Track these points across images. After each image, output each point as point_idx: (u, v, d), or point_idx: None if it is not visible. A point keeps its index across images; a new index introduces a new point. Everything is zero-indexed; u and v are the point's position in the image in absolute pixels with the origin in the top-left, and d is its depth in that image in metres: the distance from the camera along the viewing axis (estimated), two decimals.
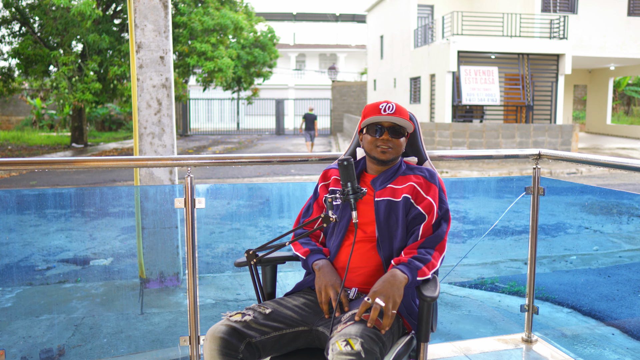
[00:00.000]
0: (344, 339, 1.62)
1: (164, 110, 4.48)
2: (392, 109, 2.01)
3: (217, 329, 1.75)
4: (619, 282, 4.68)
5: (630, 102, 34.12)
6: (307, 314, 1.90)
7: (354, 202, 1.85)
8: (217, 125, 31.66)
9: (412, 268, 1.83)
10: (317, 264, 1.95)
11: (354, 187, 1.85)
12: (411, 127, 2.04)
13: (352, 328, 1.67)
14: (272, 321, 1.83)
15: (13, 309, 3.78)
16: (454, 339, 3.15)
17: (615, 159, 2.59)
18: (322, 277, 1.90)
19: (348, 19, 42.56)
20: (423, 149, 2.25)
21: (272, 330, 1.81)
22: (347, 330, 1.66)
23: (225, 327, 1.76)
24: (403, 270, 1.82)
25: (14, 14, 17.80)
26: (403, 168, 2.08)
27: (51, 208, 3.49)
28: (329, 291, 1.86)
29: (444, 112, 17.75)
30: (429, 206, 1.98)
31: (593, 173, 13.64)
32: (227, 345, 1.72)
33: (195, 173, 2.58)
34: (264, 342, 1.79)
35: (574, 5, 18.89)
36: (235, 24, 18.42)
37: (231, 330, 1.75)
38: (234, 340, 1.74)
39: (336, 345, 1.61)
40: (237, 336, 1.75)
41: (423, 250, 1.91)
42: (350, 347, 1.59)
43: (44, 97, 26.97)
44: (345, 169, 1.85)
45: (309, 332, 1.87)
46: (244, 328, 1.77)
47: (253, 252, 1.91)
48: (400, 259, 1.87)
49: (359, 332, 1.65)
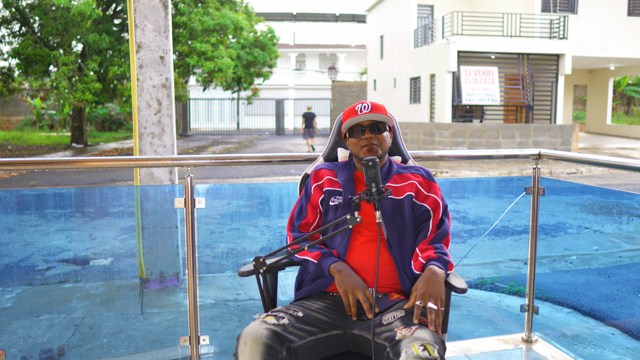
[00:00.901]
0: (421, 343, 1.62)
1: (164, 110, 4.48)
2: (368, 107, 2.02)
3: (259, 333, 1.68)
4: (619, 282, 4.68)
5: (630, 102, 34.12)
6: (336, 317, 1.87)
7: (378, 203, 1.82)
8: (217, 125, 31.66)
9: (444, 262, 1.89)
10: (336, 267, 1.90)
11: (378, 187, 1.82)
12: (391, 121, 2.05)
13: (424, 333, 1.67)
14: (306, 325, 1.79)
15: (13, 309, 3.78)
16: (454, 339, 3.15)
17: (615, 159, 2.59)
18: (346, 280, 1.86)
19: (348, 19, 42.56)
20: (404, 147, 2.28)
21: (308, 335, 1.77)
22: (421, 335, 1.66)
23: (267, 331, 1.69)
24: (439, 266, 1.86)
25: (14, 14, 17.80)
26: (394, 167, 2.09)
27: (51, 208, 3.50)
28: (356, 293, 1.83)
29: (444, 112, 17.75)
30: (434, 202, 2.02)
31: (593, 173, 13.64)
32: (269, 350, 1.66)
33: (195, 173, 2.58)
34: (303, 346, 1.74)
35: (574, 5, 18.89)
36: (235, 24, 18.41)
37: (273, 335, 1.69)
38: (277, 345, 1.68)
39: (412, 348, 1.61)
40: (279, 341, 1.69)
41: (437, 245, 1.95)
42: (428, 352, 1.60)
43: (44, 97, 26.97)
44: (371, 169, 1.82)
45: (342, 335, 1.85)
46: (284, 332, 1.72)
47: (263, 260, 1.82)
48: (429, 254, 1.90)
49: (433, 338, 1.66)
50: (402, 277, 1.94)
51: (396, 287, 1.96)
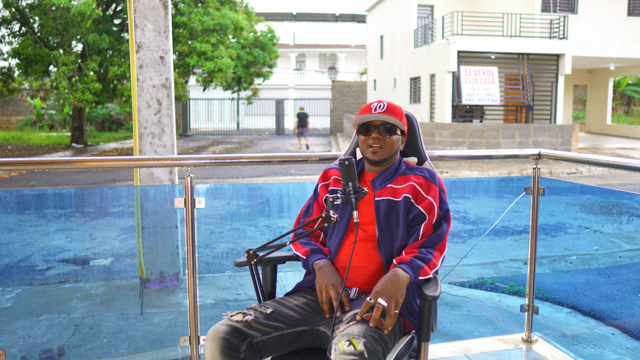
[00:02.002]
0: (347, 338, 1.62)
1: (164, 110, 4.48)
2: (384, 107, 2.01)
3: (219, 328, 1.75)
4: (619, 282, 4.68)
5: (630, 102, 34.12)
6: (308, 314, 1.90)
7: (355, 202, 1.84)
8: (217, 125, 31.66)
9: (414, 267, 1.83)
10: (318, 264, 1.95)
11: (355, 186, 1.84)
12: (404, 125, 2.04)
13: (354, 328, 1.67)
14: (273, 321, 1.83)
15: (13, 309, 3.78)
16: (454, 339, 3.15)
17: (615, 159, 2.59)
18: (323, 277, 1.90)
19: (348, 19, 42.55)
20: (423, 149, 2.25)
21: (273, 330, 1.81)
22: (350, 330, 1.66)
23: (227, 327, 1.75)
24: (405, 269, 1.81)
25: (14, 14, 17.80)
26: (403, 168, 2.08)
27: (51, 208, 3.49)
28: (329, 291, 1.86)
29: (444, 112, 17.74)
30: (430, 206, 1.98)
31: (593, 173, 13.64)
32: (228, 345, 1.72)
33: (195, 173, 2.58)
34: (265, 342, 1.79)
35: (574, 5, 18.89)
36: (235, 24, 18.41)
37: (232, 330, 1.75)
38: (235, 340, 1.73)
39: (339, 345, 1.61)
40: (239, 336, 1.75)
41: (424, 250, 1.90)
42: (353, 347, 1.59)
43: (44, 97, 26.97)
44: (347, 169, 1.84)
45: (310, 332, 1.87)
46: (245, 328, 1.77)
47: (253, 252, 1.90)
48: (402, 258, 1.87)
49: (362, 332, 1.65)
50: None
51: None
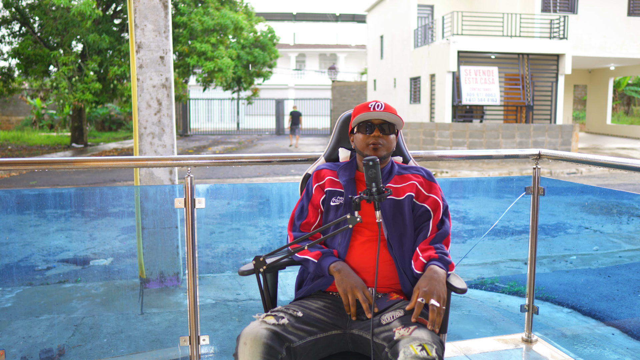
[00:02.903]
0: (419, 343, 1.62)
1: (164, 110, 4.48)
2: (382, 106, 2.02)
3: (259, 333, 1.68)
4: (619, 282, 4.68)
5: (630, 102, 34.12)
6: (335, 317, 1.87)
7: (378, 203, 1.82)
8: (217, 125, 31.66)
9: (445, 262, 1.89)
10: (335, 267, 1.90)
11: (379, 187, 1.82)
12: (401, 124, 2.04)
13: (422, 333, 1.66)
14: (306, 325, 1.79)
15: (13, 309, 3.78)
16: (454, 339, 3.15)
17: (615, 159, 2.59)
18: (346, 280, 1.86)
19: (348, 19, 42.55)
20: (405, 149, 2.30)
21: (308, 335, 1.77)
22: (419, 335, 1.65)
23: (267, 331, 1.69)
24: (440, 265, 1.86)
25: (14, 14, 17.80)
26: (396, 167, 2.09)
27: (51, 208, 3.49)
28: (356, 293, 1.82)
29: (444, 112, 17.74)
30: (435, 203, 2.02)
31: (593, 173, 13.64)
32: (269, 350, 1.66)
33: (195, 173, 2.58)
34: (302, 346, 1.74)
35: (574, 5, 18.89)
36: (235, 24, 18.41)
37: (273, 335, 1.69)
38: (276, 345, 1.68)
39: (410, 348, 1.60)
40: (279, 341, 1.69)
41: (438, 245, 1.95)
42: (426, 352, 1.59)
43: (44, 97, 26.96)
44: (371, 169, 1.82)
45: (342, 335, 1.84)
46: (284, 332, 1.72)
47: (263, 259, 1.82)
48: (430, 254, 1.90)
49: (431, 338, 1.65)
50: (402, 278, 1.94)
51: (396, 287, 1.96)
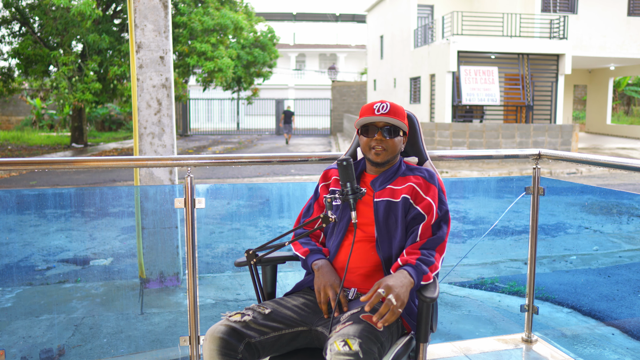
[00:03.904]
0: (342, 339, 1.62)
1: (164, 110, 4.48)
2: (386, 108, 1.99)
3: (217, 329, 1.76)
4: (619, 282, 4.68)
5: (630, 102, 34.12)
6: (307, 314, 1.90)
7: (353, 203, 1.84)
8: (217, 125, 31.66)
9: (419, 272, 1.82)
10: (316, 264, 1.95)
11: (353, 187, 1.84)
12: (406, 127, 2.03)
13: (350, 328, 1.67)
14: (272, 321, 1.83)
15: (13, 309, 3.78)
16: (454, 339, 3.15)
17: (615, 159, 2.59)
18: (321, 277, 1.91)
19: (348, 19, 42.55)
20: (424, 149, 2.25)
21: (271, 331, 1.81)
22: (346, 331, 1.66)
23: (225, 327, 1.76)
24: (411, 273, 1.80)
25: (14, 14, 17.79)
26: (403, 168, 2.07)
27: (51, 208, 3.49)
28: (327, 291, 1.87)
29: (444, 112, 17.74)
30: (428, 206, 1.97)
31: (593, 173, 13.64)
32: (226, 345, 1.73)
33: (195, 173, 2.58)
34: (263, 342, 1.79)
35: (574, 5, 18.89)
36: (235, 24, 18.41)
37: (230, 331, 1.75)
38: (233, 341, 1.74)
39: (334, 345, 1.61)
40: (237, 336, 1.75)
41: (426, 252, 1.89)
42: (348, 347, 1.59)
43: (44, 97, 26.95)
44: (345, 169, 1.84)
45: (308, 332, 1.87)
46: (243, 328, 1.77)
47: (253, 252, 1.91)
48: (407, 259, 1.85)
49: (357, 332, 1.65)
50: None
51: None
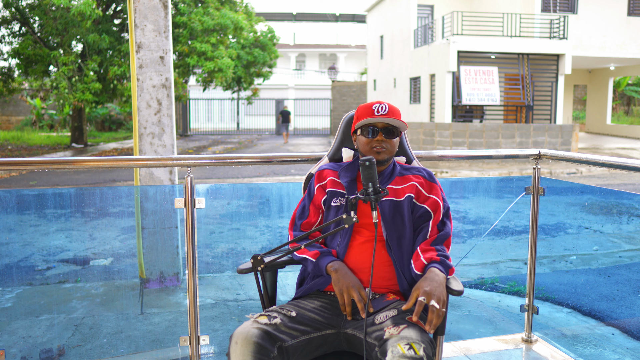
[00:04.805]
0: (407, 342, 1.62)
1: (164, 110, 4.48)
2: (385, 109, 2.00)
3: (250, 332, 1.69)
4: (619, 282, 4.68)
5: (630, 102, 34.12)
6: (331, 316, 1.87)
7: (375, 202, 1.83)
8: (217, 125, 31.66)
9: (446, 267, 1.88)
10: (333, 266, 1.91)
11: (375, 187, 1.82)
12: (405, 127, 2.03)
13: (411, 332, 1.66)
14: (299, 324, 1.79)
15: (13, 309, 3.78)
16: (454, 339, 3.15)
17: (615, 159, 2.59)
18: (342, 279, 1.86)
19: (348, 19, 42.55)
20: (409, 148, 2.29)
21: (301, 334, 1.78)
22: (408, 334, 1.65)
23: (258, 330, 1.70)
24: (441, 269, 1.85)
25: (14, 14, 17.79)
26: (398, 168, 2.09)
27: (51, 208, 3.49)
28: (351, 293, 1.83)
29: (444, 112, 17.74)
30: (435, 204, 2.01)
31: (593, 173, 13.64)
32: (260, 350, 1.67)
33: (195, 173, 2.58)
34: (295, 345, 1.75)
35: (574, 5, 18.89)
36: (235, 24, 18.41)
37: (264, 334, 1.70)
38: (268, 345, 1.69)
39: (398, 347, 1.60)
40: (270, 340, 1.70)
41: (439, 247, 1.94)
42: (413, 351, 1.59)
43: (44, 97, 26.96)
44: (367, 169, 1.82)
45: (336, 334, 1.85)
46: (276, 331, 1.73)
47: (261, 257, 1.83)
48: (431, 256, 1.90)
49: (420, 337, 1.65)
50: (400, 278, 1.94)
51: (394, 288, 1.96)
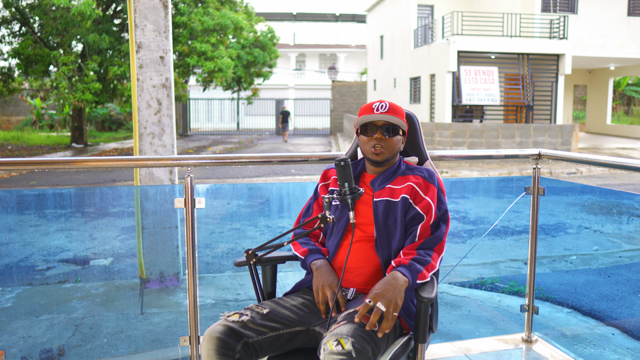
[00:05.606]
0: (335, 338, 1.62)
1: (164, 110, 4.48)
2: (386, 107, 1.99)
3: (214, 329, 1.76)
4: (619, 282, 4.68)
5: (630, 102, 34.12)
6: (305, 314, 1.90)
7: (351, 203, 1.85)
8: (217, 125, 31.66)
9: (413, 271, 1.82)
10: (315, 264, 1.96)
11: (351, 187, 1.85)
12: (405, 126, 2.03)
13: (344, 328, 1.68)
14: (270, 321, 1.83)
15: (13, 309, 3.78)
16: (454, 339, 3.15)
17: (615, 159, 2.59)
18: (320, 277, 1.91)
19: (348, 19, 42.55)
20: (424, 148, 2.24)
21: (269, 331, 1.82)
22: (339, 330, 1.67)
23: (223, 327, 1.77)
24: (404, 272, 1.80)
25: (14, 14, 17.80)
26: (402, 168, 2.07)
27: (51, 208, 3.49)
28: (325, 291, 1.87)
29: (444, 112, 17.74)
30: (427, 206, 1.96)
31: (593, 173, 13.64)
32: (224, 345, 1.73)
33: (195, 173, 2.58)
34: (261, 342, 1.80)
35: (574, 5, 18.89)
36: (235, 24, 18.41)
37: (228, 330, 1.76)
38: (231, 341, 1.74)
39: (327, 344, 1.62)
40: (234, 336, 1.75)
41: (422, 252, 1.89)
42: (341, 346, 1.59)
43: (44, 97, 26.95)
44: (342, 169, 1.84)
45: (306, 332, 1.87)
46: (241, 328, 1.78)
47: (252, 251, 1.91)
48: (401, 260, 1.85)
49: (351, 331, 1.65)
50: None
51: None
